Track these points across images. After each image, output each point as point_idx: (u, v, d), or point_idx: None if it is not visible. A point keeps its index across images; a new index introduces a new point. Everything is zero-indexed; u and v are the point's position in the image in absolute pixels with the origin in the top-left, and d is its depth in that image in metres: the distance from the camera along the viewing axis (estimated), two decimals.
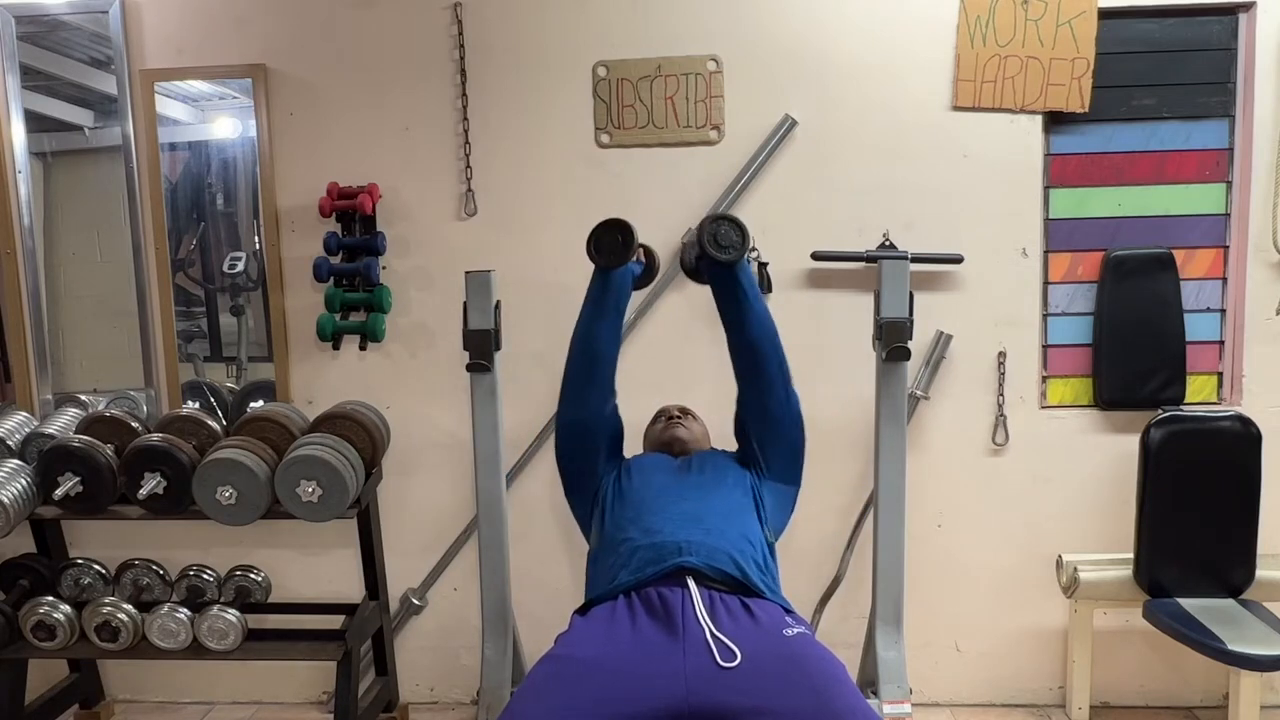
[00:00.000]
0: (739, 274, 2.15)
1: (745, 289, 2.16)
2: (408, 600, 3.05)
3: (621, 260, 2.16)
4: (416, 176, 2.93)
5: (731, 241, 2.11)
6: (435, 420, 2.99)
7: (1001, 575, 2.96)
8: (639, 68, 2.85)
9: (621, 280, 2.22)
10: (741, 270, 2.15)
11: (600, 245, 2.15)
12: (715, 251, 2.11)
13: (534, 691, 1.67)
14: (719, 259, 2.11)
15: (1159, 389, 2.81)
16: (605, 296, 2.19)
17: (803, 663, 1.65)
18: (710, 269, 2.18)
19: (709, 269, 2.19)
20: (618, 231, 2.14)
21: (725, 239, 2.11)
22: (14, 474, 2.64)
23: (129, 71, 2.94)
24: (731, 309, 2.18)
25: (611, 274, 2.18)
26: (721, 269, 2.14)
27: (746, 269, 2.18)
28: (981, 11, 2.77)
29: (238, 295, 3.07)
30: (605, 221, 2.16)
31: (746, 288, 2.16)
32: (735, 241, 2.11)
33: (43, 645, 2.67)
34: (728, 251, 2.11)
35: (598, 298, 2.20)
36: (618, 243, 2.14)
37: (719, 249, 2.11)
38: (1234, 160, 2.82)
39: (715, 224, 2.12)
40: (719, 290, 2.20)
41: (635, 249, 2.18)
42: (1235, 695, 2.53)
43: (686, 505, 1.98)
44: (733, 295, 2.16)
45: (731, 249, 2.11)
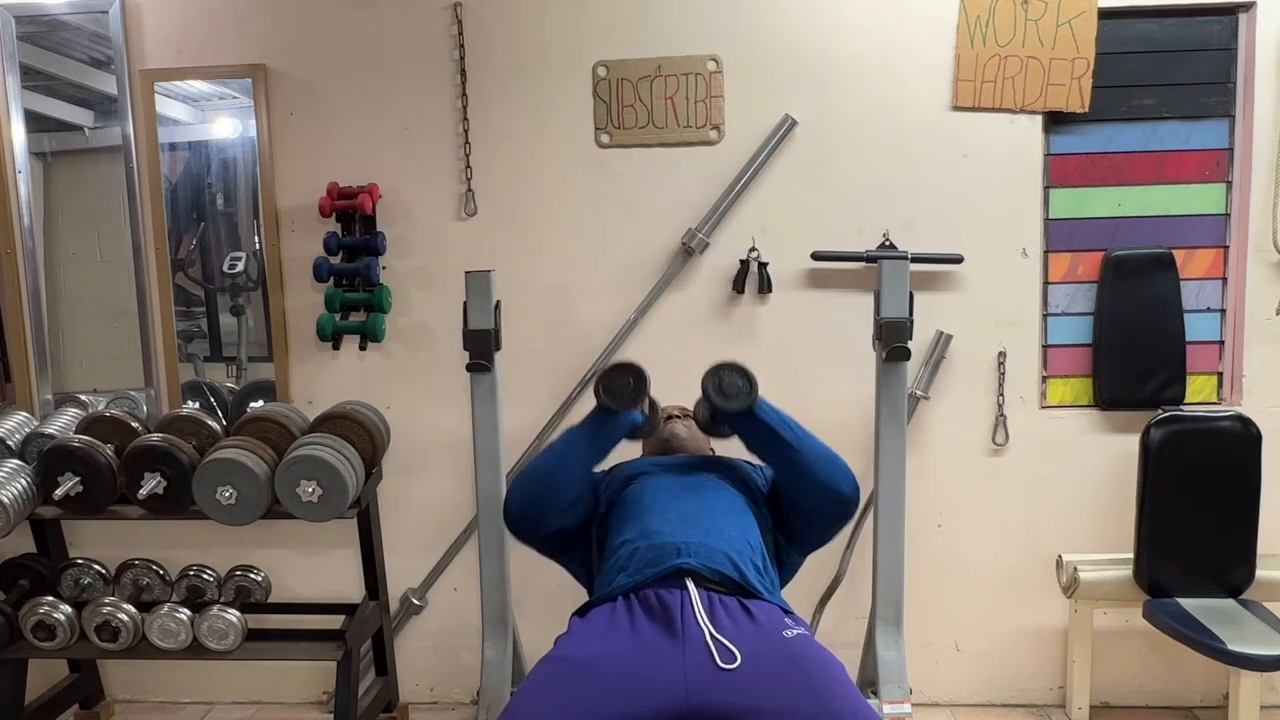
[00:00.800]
0: (761, 416, 2.06)
1: (775, 428, 2.05)
2: (408, 600, 3.05)
3: (629, 406, 2.09)
4: (416, 176, 2.93)
5: (737, 388, 2.04)
6: (435, 420, 2.99)
7: (1001, 575, 2.96)
8: (639, 68, 2.85)
9: (620, 426, 2.14)
10: (761, 411, 2.06)
11: (610, 387, 2.07)
12: (723, 403, 2.04)
13: (534, 692, 1.67)
14: (730, 409, 2.05)
15: (1159, 389, 2.81)
16: (600, 436, 2.11)
17: (802, 663, 1.65)
18: (728, 420, 2.13)
19: (727, 421, 2.13)
20: (629, 375, 2.07)
21: (730, 388, 2.04)
22: (14, 474, 2.64)
23: (129, 71, 2.94)
24: (774, 456, 2.09)
25: (613, 417, 2.10)
26: (738, 418, 2.08)
27: (767, 408, 2.08)
28: (981, 11, 2.77)
29: (238, 295, 3.07)
30: (618, 364, 2.09)
31: (776, 427, 2.05)
32: (741, 386, 2.04)
33: (43, 645, 2.67)
34: (736, 399, 2.04)
35: (590, 435, 2.11)
36: (628, 386, 2.06)
37: (726, 399, 2.04)
38: (1234, 160, 2.82)
39: (715, 376, 2.06)
40: (750, 440, 2.12)
41: (646, 396, 2.10)
42: (1235, 695, 2.53)
43: (685, 506, 1.97)
44: (767, 440, 2.07)
45: (739, 395, 2.04)
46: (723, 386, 2.05)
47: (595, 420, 2.12)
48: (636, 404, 2.10)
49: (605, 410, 2.10)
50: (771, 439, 2.07)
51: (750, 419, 2.07)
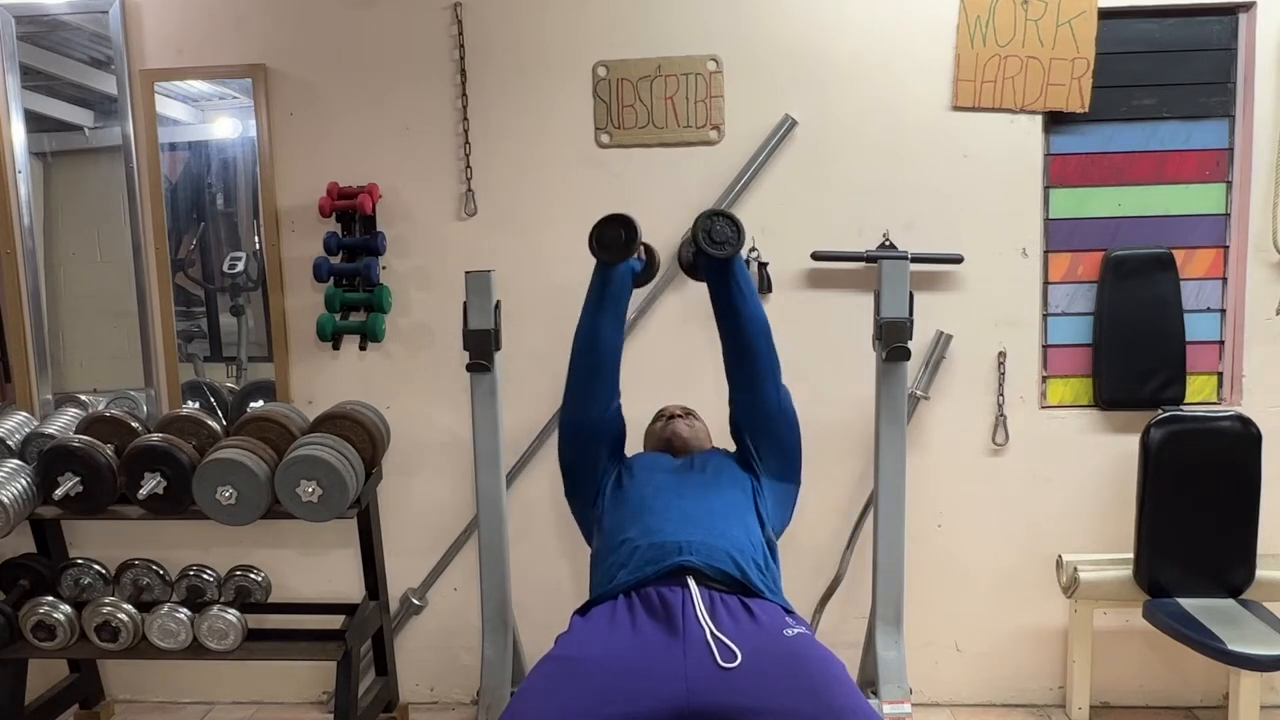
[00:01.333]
0: (734, 270, 2.15)
1: (740, 285, 2.15)
2: (408, 600, 3.05)
3: (624, 256, 2.15)
4: (416, 176, 2.93)
5: (726, 237, 2.10)
6: (435, 420, 2.99)
7: (1001, 575, 2.96)
8: (639, 68, 2.85)
9: (623, 276, 2.21)
10: (737, 266, 2.15)
11: (603, 241, 2.15)
12: (710, 247, 2.10)
13: (534, 692, 1.67)
14: (714, 255, 2.11)
15: (1159, 389, 2.81)
16: (607, 293, 2.19)
17: (803, 663, 1.65)
18: (706, 265, 2.18)
19: (705, 265, 2.19)
20: (620, 227, 2.14)
21: (720, 235, 2.10)
22: (14, 474, 2.64)
23: (129, 71, 2.94)
24: (725, 305, 2.18)
25: (613, 270, 2.17)
26: (717, 265, 2.14)
27: (742, 266, 2.18)
28: (981, 11, 2.77)
29: (238, 295, 3.07)
30: (608, 217, 2.15)
31: (742, 284, 2.16)
32: (730, 237, 2.10)
33: (43, 645, 2.67)
34: (723, 247, 2.10)
35: (599, 294, 2.19)
36: (620, 238, 2.13)
37: (713, 245, 2.10)
38: (1234, 160, 2.82)
39: (710, 220, 2.12)
40: (714, 286, 2.20)
41: (638, 244, 2.17)
42: (1235, 695, 2.53)
43: (686, 505, 1.98)
44: (727, 291, 2.16)
45: (727, 244, 2.10)
46: (713, 234, 2.11)
47: (599, 280, 2.19)
48: (630, 253, 2.16)
49: (605, 265, 2.16)
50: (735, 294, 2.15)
51: (726, 270, 2.14)
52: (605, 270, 2.18)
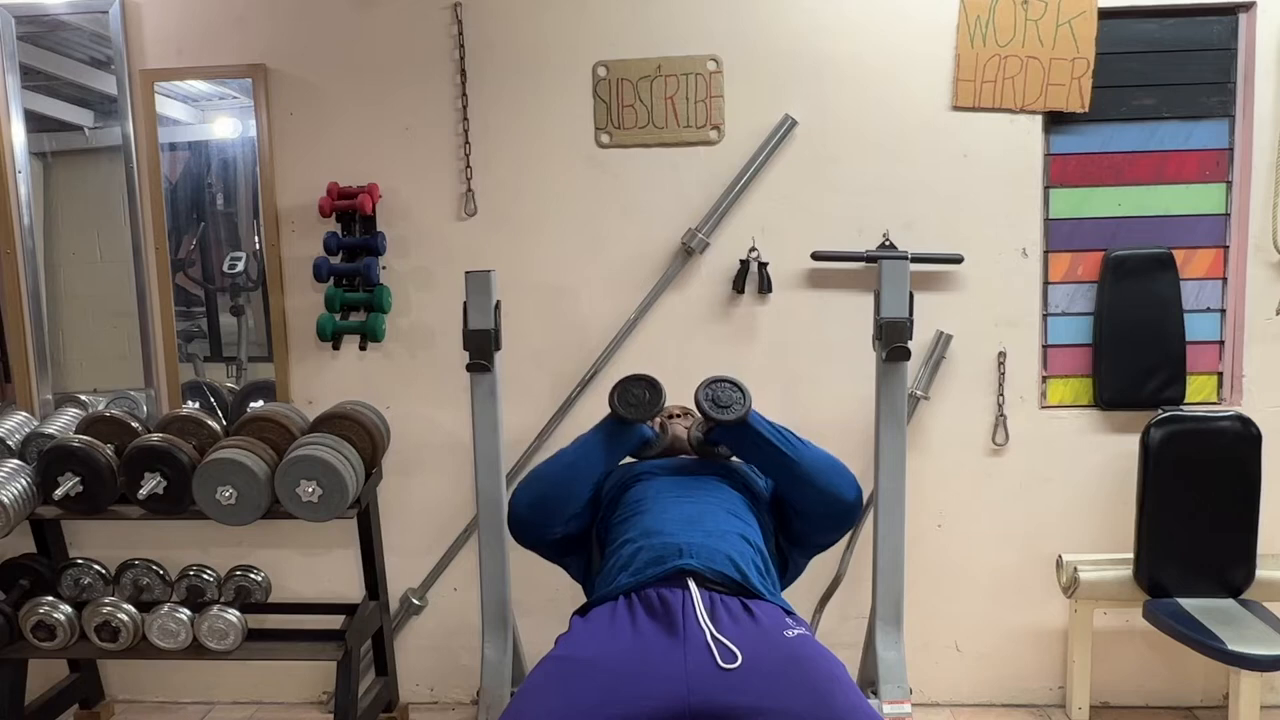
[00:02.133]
0: (755, 428, 2.07)
1: (770, 440, 2.07)
2: (408, 600, 3.05)
3: (644, 417, 2.10)
4: (416, 176, 2.93)
5: (731, 399, 2.05)
6: (435, 420, 2.99)
7: (1001, 575, 2.96)
8: (639, 68, 2.85)
9: (634, 435, 2.16)
10: (755, 422, 2.08)
11: (626, 397, 2.09)
12: (718, 414, 2.05)
13: (534, 692, 1.67)
14: (725, 420, 2.06)
15: (1159, 389, 2.81)
16: (612, 446, 2.13)
17: (803, 663, 1.65)
18: (725, 436, 2.14)
19: (724, 437, 2.15)
20: (646, 388, 2.08)
21: (724, 399, 2.06)
22: (14, 474, 2.64)
23: (129, 71, 2.94)
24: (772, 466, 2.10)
25: (628, 428, 2.12)
26: (733, 431, 2.09)
27: (761, 420, 2.10)
28: (981, 11, 2.77)
29: (238, 295, 3.07)
30: (636, 375, 2.10)
31: (771, 438, 2.07)
32: (735, 397, 2.06)
33: (43, 645, 2.66)
34: (731, 410, 2.05)
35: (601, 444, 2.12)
36: (644, 399, 2.08)
37: (720, 410, 2.05)
38: (1234, 160, 2.82)
39: (708, 389, 2.08)
40: (747, 453, 2.13)
41: (661, 407, 2.11)
42: (1235, 695, 2.53)
43: (687, 507, 1.97)
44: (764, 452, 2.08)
45: (734, 405, 2.05)
46: (717, 399, 2.07)
47: (607, 430, 2.14)
48: (651, 416, 2.11)
49: (619, 420, 2.11)
50: (768, 450, 2.08)
51: (745, 431, 2.08)
52: (617, 424, 2.12)
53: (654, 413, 2.11)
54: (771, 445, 2.07)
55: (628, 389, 2.10)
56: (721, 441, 2.20)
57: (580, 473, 2.11)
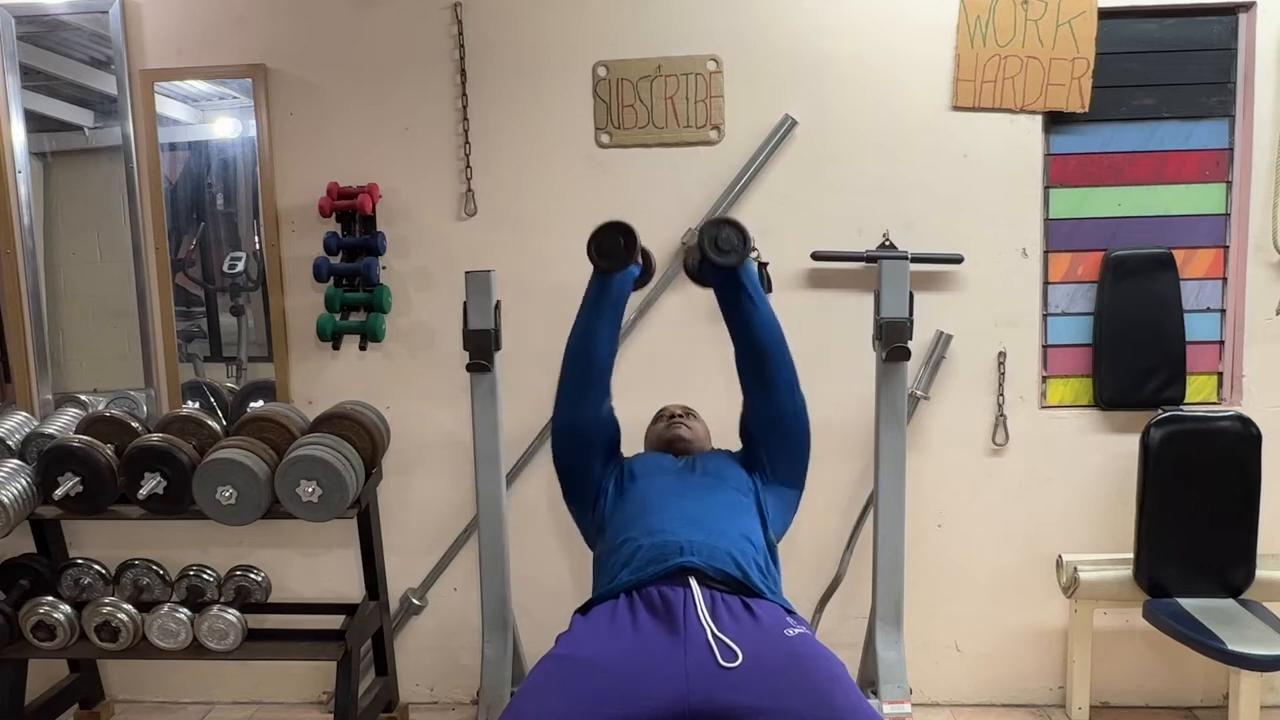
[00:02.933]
0: (742, 277, 2.13)
1: (749, 292, 2.14)
2: (408, 600, 3.05)
3: (623, 264, 2.14)
4: (416, 176, 2.93)
5: (732, 245, 2.09)
6: (435, 420, 2.99)
7: (1001, 575, 2.96)
8: (639, 68, 2.85)
9: (621, 283, 2.20)
10: (744, 273, 2.14)
11: (601, 248, 2.13)
12: (716, 255, 2.10)
13: (535, 691, 1.67)
14: (720, 262, 2.10)
15: (1159, 389, 2.81)
16: (604, 299, 2.18)
17: (804, 662, 1.65)
18: (712, 273, 2.17)
19: (711, 273, 2.18)
20: (619, 234, 2.12)
21: (726, 242, 2.09)
22: (14, 474, 2.64)
23: (129, 71, 2.94)
24: (736, 313, 2.16)
25: (611, 277, 2.16)
26: (723, 272, 2.13)
27: (750, 271, 2.16)
28: (981, 11, 2.77)
29: (238, 295, 3.07)
30: (606, 224, 2.14)
31: (750, 291, 2.14)
32: (736, 245, 2.09)
33: (43, 645, 2.67)
34: (729, 255, 2.09)
35: (596, 301, 2.18)
36: (619, 246, 2.12)
37: (719, 252, 2.10)
38: (1234, 160, 2.82)
39: (715, 227, 2.11)
40: (722, 294, 2.18)
41: (637, 252, 2.16)
42: (1235, 695, 2.53)
43: (688, 505, 1.98)
44: (736, 299, 2.15)
45: (733, 252, 2.09)
46: (719, 241, 2.10)
47: (596, 286, 2.18)
48: (630, 261, 2.15)
49: (604, 273, 2.15)
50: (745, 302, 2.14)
51: (733, 277, 2.13)
52: (603, 277, 2.17)
53: (632, 257, 2.14)
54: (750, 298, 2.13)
55: (602, 240, 2.13)
56: (709, 278, 2.23)
57: (593, 334, 2.16)
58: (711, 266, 2.13)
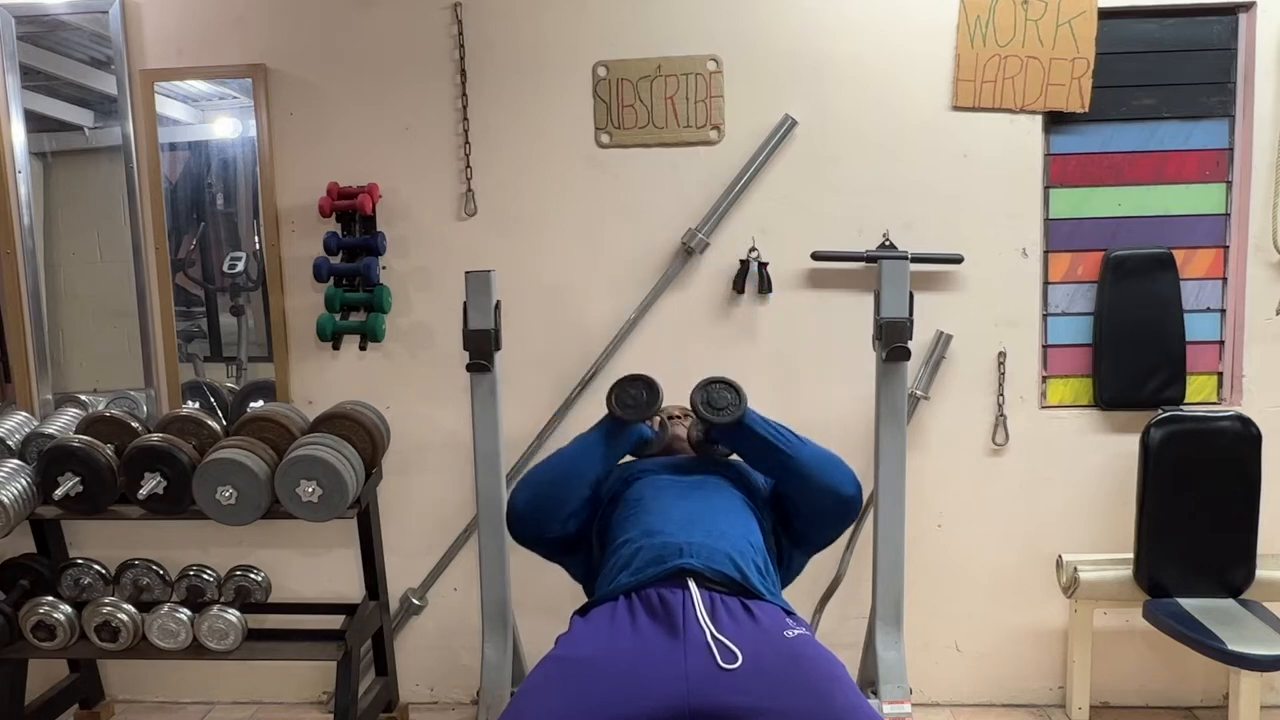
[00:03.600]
0: (752, 427, 2.08)
1: (767, 438, 2.08)
2: (408, 600, 3.05)
3: (642, 417, 2.11)
4: (416, 176, 2.93)
5: (726, 401, 2.06)
6: (435, 420, 2.99)
7: (1001, 575, 2.96)
8: (639, 68, 2.85)
9: (632, 435, 2.16)
10: (751, 422, 2.08)
11: (623, 399, 2.10)
12: (714, 417, 2.06)
13: (534, 692, 1.67)
14: (721, 422, 2.07)
15: (1159, 389, 2.81)
16: (610, 445, 2.13)
17: (803, 663, 1.65)
18: (722, 436, 2.14)
19: (721, 437, 2.15)
20: (643, 387, 2.09)
21: (719, 401, 2.07)
22: (14, 474, 2.64)
23: (129, 71, 2.94)
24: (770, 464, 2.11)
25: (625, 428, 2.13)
26: (732, 430, 2.09)
27: (756, 419, 2.10)
28: (981, 11, 2.77)
29: (238, 295, 3.07)
30: (633, 376, 2.12)
31: (769, 436, 2.08)
32: (729, 399, 2.06)
33: (43, 645, 2.66)
34: (726, 412, 2.06)
35: (601, 443, 2.13)
36: (641, 399, 2.09)
37: (716, 412, 2.06)
38: (1234, 160, 2.82)
39: (703, 391, 2.08)
40: (745, 451, 2.14)
41: (659, 407, 2.12)
42: (1235, 695, 2.53)
43: (688, 506, 1.97)
44: (762, 450, 2.09)
45: (729, 407, 2.06)
46: (711, 401, 2.07)
47: (605, 430, 2.14)
48: (649, 416, 2.12)
49: (616, 421, 2.12)
50: (766, 449, 2.09)
51: (742, 431, 2.09)
52: (615, 425, 2.13)
53: (651, 413, 2.12)
54: (769, 444, 2.08)
55: (625, 389, 2.11)
56: (720, 440, 2.21)
57: (579, 473, 2.11)
58: (717, 429, 2.10)
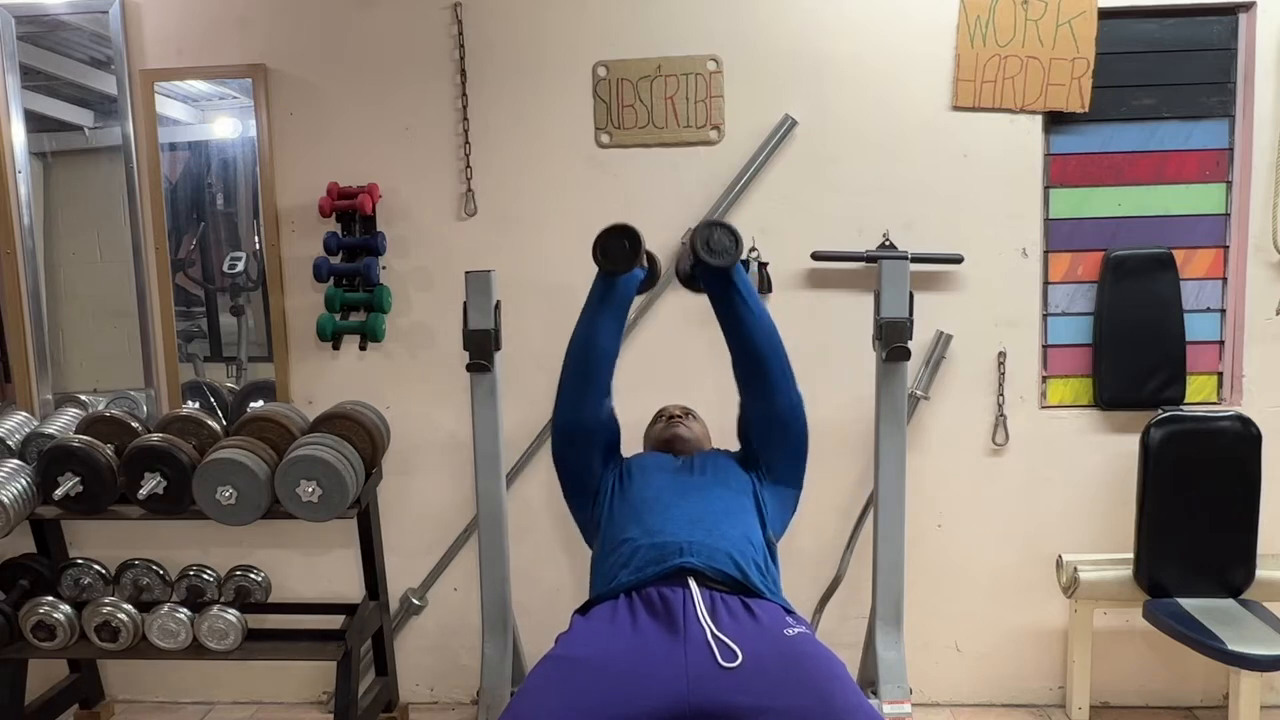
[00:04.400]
0: (735, 279, 2.13)
1: (743, 294, 2.13)
2: (408, 600, 3.05)
3: (628, 266, 2.13)
4: (416, 176, 2.93)
5: (725, 246, 2.08)
6: (435, 420, 2.99)
7: (1001, 575, 2.96)
8: (639, 68, 2.85)
9: (625, 285, 2.19)
10: (737, 275, 2.13)
11: (607, 250, 2.12)
12: (709, 257, 2.08)
13: (534, 691, 1.67)
14: (713, 264, 2.09)
15: (1159, 389, 2.81)
16: (608, 301, 2.17)
17: (803, 662, 1.65)
18: (705, 275, 2.17)
19: (704, 275, 2.17)
20: (624, 237, 2.11)
21: (718, 244, 2.08)
22: (14, 474, 2.64)
23: (129, 71, 2.94)
24: (730, 315, 2.16)
25: (616, 279, 2.16)
26: (717, 274, 2.13)
27: (742, 274, 2.15)
28: (981, 11, 2.77)
29: (238, 295, 3.07)
30: (611, 227, 2.13)
31: (744, 292, 2.14)
32: (729, 246, 2.08)
33: (43, 645, 2.67)
34: (721, 256, 2.08)
35: (600, 302, 2.17)
36: (624, 248, 2.11)
37: (712, 254, 2.08)
38: (1234, 160, 2.82)
39: (708, 229, 2.10)
40: (716, 296, 2.18)
41: (642, 255, 2.15)
42: (1235, 695, 2.53)
43: (688, 505, 1.98)
44: (730, 301, 2.14)
45: (725, 254, 2.08)
46: (711, 243, 2.09)
47: (600, 288, 2.17)
48: (634, 263, 2.14)
49: (609, 274, 2.15)
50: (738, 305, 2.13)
51: (726, 279, 2.12)
52: (607, 279, 2.16)
53: (637, 259, 2.14)
54: (743, 300, 2.13)
55: (607, 243, 2.12)
56: (703, 281, 2.21)
57: (597, 333, 2.15)
58: (704, 268, 2.13)
